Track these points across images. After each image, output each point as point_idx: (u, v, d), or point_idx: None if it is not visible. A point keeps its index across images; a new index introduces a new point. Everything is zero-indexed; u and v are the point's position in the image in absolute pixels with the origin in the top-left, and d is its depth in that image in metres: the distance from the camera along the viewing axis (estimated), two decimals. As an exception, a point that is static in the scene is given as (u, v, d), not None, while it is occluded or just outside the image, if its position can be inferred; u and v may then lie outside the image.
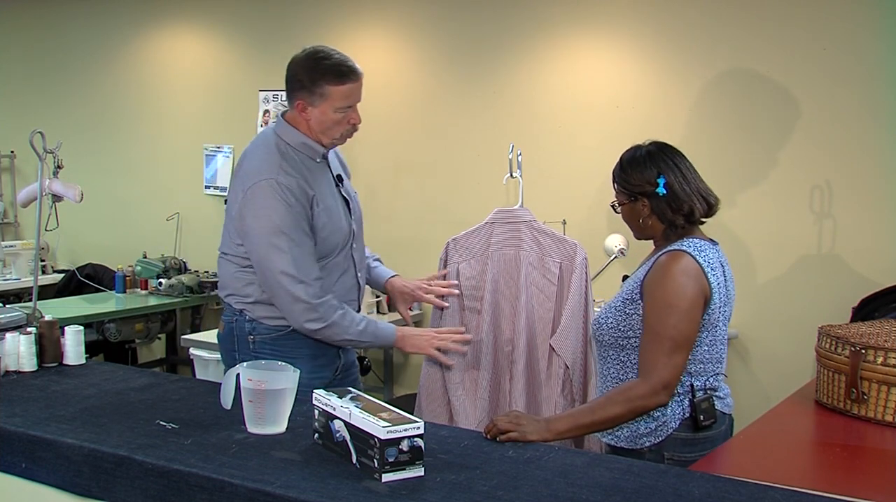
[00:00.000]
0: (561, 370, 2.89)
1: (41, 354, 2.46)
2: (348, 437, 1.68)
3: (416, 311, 4.64)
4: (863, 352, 2.31)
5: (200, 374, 4.00)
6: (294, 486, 1.56)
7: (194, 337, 4.23)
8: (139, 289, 5.12)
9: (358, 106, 2.42)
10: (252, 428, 1.88)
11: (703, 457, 2.04)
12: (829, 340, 2.44)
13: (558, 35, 4.44)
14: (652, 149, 2.16)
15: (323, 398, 1.78)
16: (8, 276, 5.47)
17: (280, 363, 1.96)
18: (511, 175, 3.18)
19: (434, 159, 4.82)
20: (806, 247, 3.91)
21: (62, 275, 5.67)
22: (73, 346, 2.51)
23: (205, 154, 5.52)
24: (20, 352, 2.41)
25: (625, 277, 2.26)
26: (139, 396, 2.19)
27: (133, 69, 5.85)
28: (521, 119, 4.52)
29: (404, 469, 1.60)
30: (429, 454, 1.66)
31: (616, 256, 3.81)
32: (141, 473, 1.70)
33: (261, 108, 5.26)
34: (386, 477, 1.58)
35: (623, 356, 2.13)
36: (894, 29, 3.72)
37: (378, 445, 1.58)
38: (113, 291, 5.16)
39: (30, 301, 2.78)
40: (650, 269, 2.09)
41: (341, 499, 1.51)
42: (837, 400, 2.39)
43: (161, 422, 1.94)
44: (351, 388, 1.84)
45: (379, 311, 4.64)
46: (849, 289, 3.72)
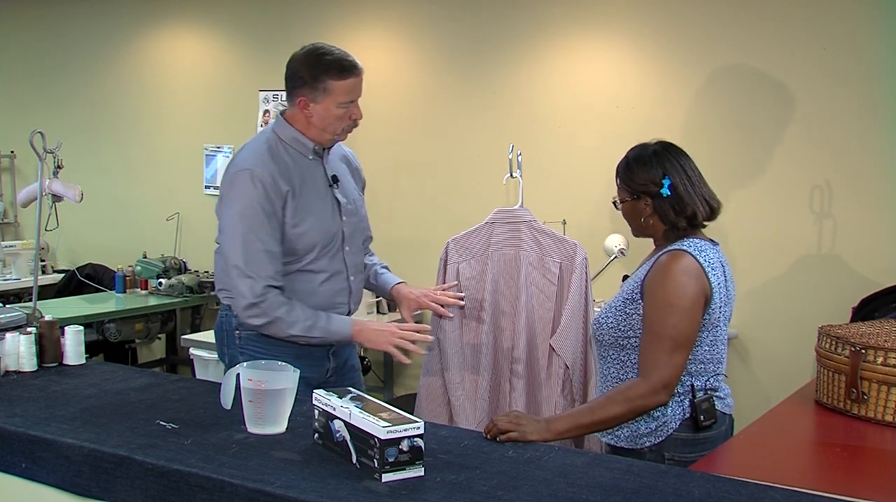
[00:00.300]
0: (561, 370, 2.89)
1: (41, 354, 2.46)
2: (348, 437, 1.68)
3: (417, 311, 4.62)
4: (863, 352, 2.31)
5: (200, 374, 4.00)
6: (294, 486, 1.56)
7: (194, 337, 4.23)
8: (139, 289, 5.12)
9: (359, 104, 2.42)
10: (252, 428, 1.88)
11: (703, 457, 2.04)
12: (829, 340, 2.44)
13: (558, 35, 4.44)
14: (658, 149, 2.15)
15: (323, 398, 1.78)
16: (8, 276, 5.47)
17: (280, 363, 1.95)
18: (511, 175, 3.18)
19: (434, 159, 4.81)
20: (806, 247, 3.91)
21: (62, 275, 5.67)
22: (73, 346, 2.51)
23: (205, 154, 5.53)
24: (20, 352, 2.41)
25: (625, 277, 2.26)
26: (139, 396, 2.19)
27: (133, 69, 5.85)
28: (521, 119, 4.52)
29: (404, 469, 1.60)
30: (429, 454, 1.66)
31: (616, 256, 3.81)
32: (141, 473, 1.70)
33: (261, 108, 5.26)
34: (386, 477, 1.58)
35: (623, 356, 2.13)
36: (894, 29, 3.72)
37: (378, 445, 1.58)
38: (113, 291, 5.16)
39: (30, 301, 2.78)
40: (650, 269, 2.09)
41: (341, 499, 1.51)
42: (837, 400, 2.39)
43: (161, 422, 1.94)
44: (351, 388, 1.84)
45: (379, 311, 4.64)
46: (849, 289, 3.72)
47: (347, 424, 1.68)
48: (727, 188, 3.36)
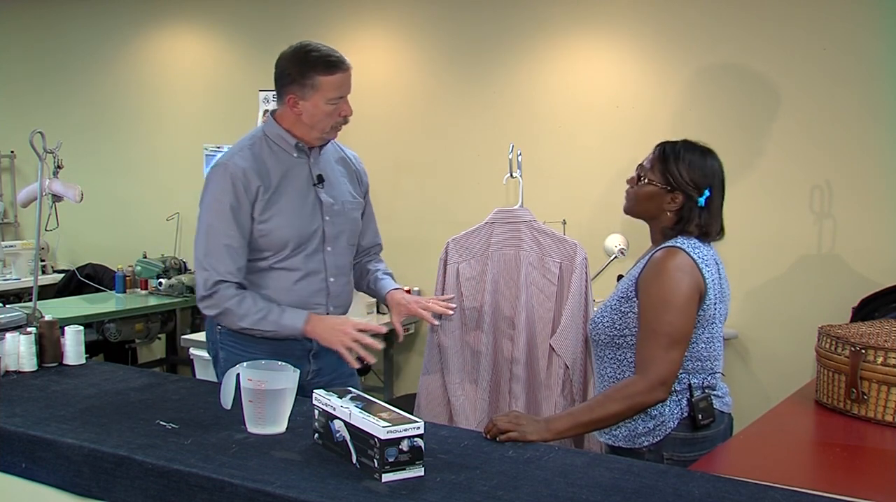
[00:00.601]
0: (561, 370, 2.89)
1: (41, 354, 2.46)
2: (348, 437, 1.68)
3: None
4: (863, 352, 2.31)
5: (200, 374, 4.00)
6: (294, 486, 1.56)
7: (194, 337, 4.23)
8: (139, 289, 5.13)
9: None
10: (252, 428, 1.88)
11: (703, 457, 2.04)
12: (829, 340, 2.44)
13: (558, 35, 4.44)
14: (713, 157, 2.15)
15: (323, 398, 1.78)
16: (8, 276, 5.47)
17: (280, 363, 1.96)
18: (511, 175, 3.18)
19: (434, 159, 4.82)
20: (806, 247, 3.91)
21: (62, 275, 5.67)
22: (73, 346, 2.51)
23: (205, 154, 5.52)
24: (20, 352, 2.41)
25: (619, 277, 2.25)
26: (139, 396, 2.19)
27: (133, 69, 5.85)
28: (521, 119, 4.52)
29: (404, 469, 1.60)
30: (429, 454, 1.66)
31: (616, 256, 3.81)
32: (141, 473, 1.70)
33: (261, 108, 5.26)
34: (386, 477, 1.58)
35: (619, 355, 2.13)
36: (894, 29, 3.73)
37: (378, 445, 1.58)
38: (113, 291, 5.16)
39: (30, 301, 2.78)
40: (645, 266, 2.09)
41: (341, 499, 1.51)
42: (837, 400, 2.39)
43: (161, 422, 1.94)
44: (351, 388, 1.84)
45: (379, 311, 4.64)
46: (849, 289, 3.72)
47: (347, 424, 1.68)
48: (727, 188, 3.35)
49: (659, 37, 4.19)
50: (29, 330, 2.46)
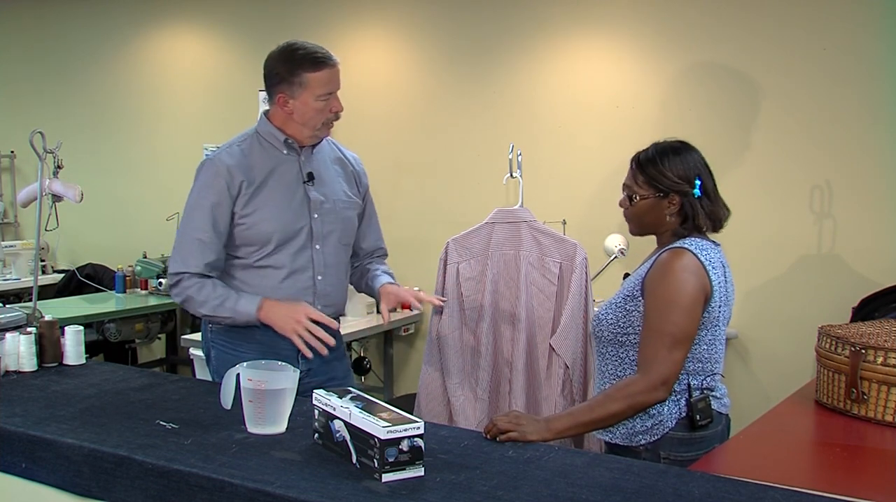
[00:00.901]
0: (561, 370, 2.89)
1: (41, 354, 2.46)
2: (348, 437, 1.68)
3: (416, 312, 4.64)
4: (863, 352, 2.31)
5: (200, 374, 4.00)
6: (294, 486, 1.56)
7: (194, 337, 4.22)
8: (139, 289, 5.13)
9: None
10: (252, 428, 1.88)
11: (703, 457, 2.04)
12: (829, 340, 2.44)
13: (558, 35, 4.44)
14: (686, 148, 2.13)
15: (323, 398, 1.78)
16: (8, 276, 5.47)
17: (280, 363, 1.96)
18: (511, 175, 3.18)
19: (434, 159, 4.82)
20: (806, 247, 3.92)
21: (62, 275, 5.67)
22: (73, 346, 2.51)
23: (205, 154, 5.51)
24: (20, 352, 2.41)
25: (626, 275, 2.25)
26: (139, 396, 2.19)
27: (133, 69, 5.85)
28: (521, 119, 4.52)
29: (404, 469, 1.60)
30: (429, 454, 1.66)
31: (616, 256, 3.82)
32: (141, 473, 1.70)
33: (261, 109, 5.23)
34: (386, 477, 1.58)
35: (622, 353, 2.13)
36: (894, 29, 3.73)
37: (378, 445, 1.58)
38: (113, 291, 5.16)
39: (30, 301, 2.78)
40: (651, 266, 2.09)
41: (341, 499, 1.51)
42: (837, 400, 2.39)
43: (161, 422, 1.94)
44: (351, 388, 1.84)
45: (378, 311, 4.62)
46: (849, 289, 3.72)
47: (347, 424, 1.68)
48: (727, 188, 3.35)
49: (659, 37, 4.19)
50: (29, 330, 2.46)
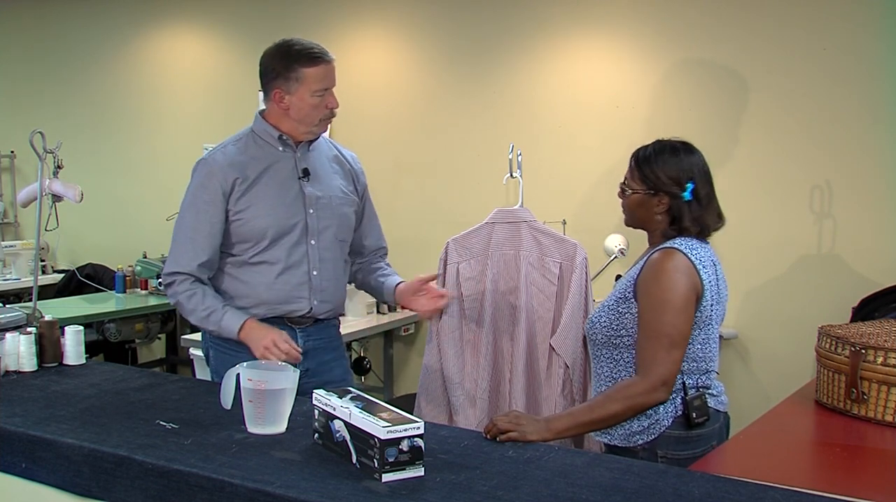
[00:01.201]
0: (561, 370, 2.89)
1: (41, 354, 2.46)
2: (348, 437, 1.68)
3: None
4: (863, 352, 2.31)
5: (200, 374, 4.00)
6: (294, 486, 1.56)
7: (194, 337, 4.22)
8: (139, 289, 5.13)
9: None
10: (252, 428, 1.88)
11: (703, 457, 2.04)
12: (829, 340, 2.44)
13: (558, 35, 4.44)
14: (688, 151, 2.13)
15: (323, 398, 1.78)
16: (8, 276, 5.47)
17: (280, 363, 1.96)
18: (511, 175, 3.18)
19: (434, 159, 4.82)
20: (806, 247, 3.91)
21: (62, 275, 5.67)
22: (73, 346, 2.51)
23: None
24: (20, 352, 2.41)
25: (618, 277, 2.25)
26: (139, 396, 2.19)
27: (133, 69, 5.85)
28: (521, 119, 4.52)
29: (404, 469, 1.60)
30: (429, 454, 1.66)
31: (616, 256, 3.81)
32: (141, 473, 1.70)
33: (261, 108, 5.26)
34: (386, 477, 1.58)
35: (616, 355, 2.13)
36: (894, 29, 3.72)
37: (378, 445, 1.58)
38: (113, 291, 5.16)
39: (30, 301, 2.78)
40: (643, 268, 2.10)
41: (341, 499, 1.51)
42: (837, 400, 2.39)
43: (161, 422, 1.94)
44: (351, 388, 1.84)
45: (378, 311, 4.64)
46: (849, 289, 3.72)
47: (347, 424, 1.68)
48: (727, 188, 3.37)
49: (659, 37, 4.19)
50: (29, 330, 2.46)
